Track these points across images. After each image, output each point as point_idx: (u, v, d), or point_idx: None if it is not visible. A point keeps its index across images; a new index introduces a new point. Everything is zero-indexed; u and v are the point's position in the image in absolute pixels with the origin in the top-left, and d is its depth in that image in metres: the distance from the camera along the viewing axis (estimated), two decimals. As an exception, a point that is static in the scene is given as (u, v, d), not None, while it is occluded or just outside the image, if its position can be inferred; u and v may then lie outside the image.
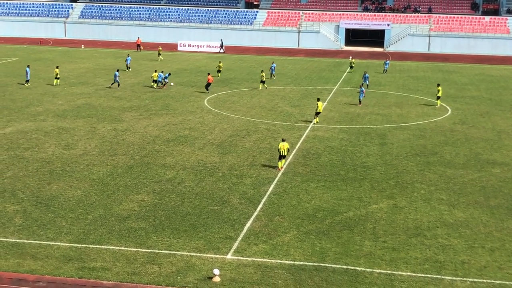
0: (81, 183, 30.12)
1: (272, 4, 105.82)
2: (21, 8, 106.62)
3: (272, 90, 57.44)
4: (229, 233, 24.66)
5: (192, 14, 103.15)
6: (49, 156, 34.36)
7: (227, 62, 78.25)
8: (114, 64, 72.51)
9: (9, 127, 40.65)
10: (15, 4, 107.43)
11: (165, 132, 40.44)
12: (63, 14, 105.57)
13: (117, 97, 52.16)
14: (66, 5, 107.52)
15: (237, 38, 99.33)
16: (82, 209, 26.70)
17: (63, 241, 23.46)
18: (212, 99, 52.32)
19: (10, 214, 25.98)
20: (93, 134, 39.44)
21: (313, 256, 22.80)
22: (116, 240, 23.63)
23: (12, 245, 22.97)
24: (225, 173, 32.30)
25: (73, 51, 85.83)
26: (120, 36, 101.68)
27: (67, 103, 48.94)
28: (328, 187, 30.53)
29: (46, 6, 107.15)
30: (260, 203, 28.07)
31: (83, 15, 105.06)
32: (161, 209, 27.03)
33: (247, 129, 41.86)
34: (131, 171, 32.22)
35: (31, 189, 29.07)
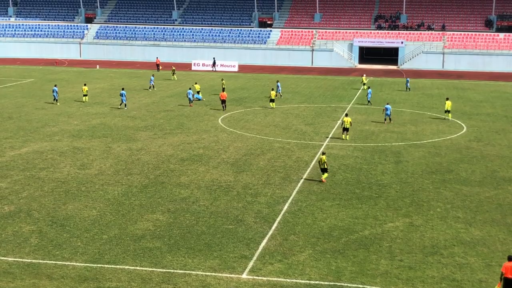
0: (96, 202, 30.20)
1: (286, 23, 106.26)
2: (37, 30, 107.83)
3: (286, 108, 57.48)
4: (244, 252, 24.58)
5: (206, 33, 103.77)
6: (64, 176, 34.52)
7: (241, 80, 78.53)
8: (129, 84, 72.99)
9: (25, 148, 40.93)
10: (31, 25, 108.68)
11: (179, 151, 40.53)
12: (78, 35, 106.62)
13: (131, 116, 52.45)
14: (81, 26, 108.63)
15: (251, 57, 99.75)
16: (98, 229, 26.75)
17: (78, 261, 23.49)
18: (226, 118, 52.44)
19: (26, 234, 26.07)
20: (108, 154, 39.60)
21: (328, 275, 22.65)
22: (131, 260, 23.62)
23: (28, 265, 23.03)
24: (239, 192, 32.27)
25: (88, 72, 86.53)
26: (135, 56, 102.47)
27: (82, 123, 49.26)
28: (343, 205, 30.39)
29: (62, 27, 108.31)
30: (275, 222, 27.98)
31: (98, 36, 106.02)
32: (176, 228, 27.01)
33: (261, 147, 41.86)
34: (146, 190, 32.28)
35: (46, 209, 29.19)
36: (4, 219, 27.68)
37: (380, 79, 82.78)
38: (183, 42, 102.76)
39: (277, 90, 64.75)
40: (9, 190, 31.81)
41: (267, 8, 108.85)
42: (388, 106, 51.12)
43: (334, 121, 51.62)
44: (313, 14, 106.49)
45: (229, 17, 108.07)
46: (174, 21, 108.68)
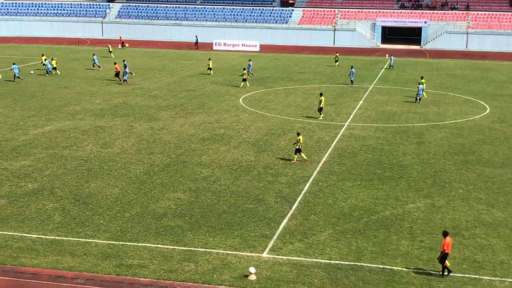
0: (119, 181, 30.45)
1: (308, 3, 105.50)
2: (60, 8, 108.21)
3: (307, 88, 57.28)
4: (265, 231, 24.68)
5: (228, 13, 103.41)
6: (87, 155, 34.82)
7: (262, 60, 78.32)
8: (151, 64, 73.17)
9: (48, 126, 41.30)
10: (53, 4, 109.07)
11: (200, 131, 40.65)
12: (100, 14, 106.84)
13: (153, 96, 52.62)
14: (104, 5, 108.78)
15: (272, 36, 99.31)
16: (120, 207, 27.00)
17: (101, 238, 23.76)
18: (247, 98, 52.41)
19: (49, 211, 26.40)
20: (130, 133, 39.83)
21: (349, 255, 22.69)
22: (153, 238, 23.84)
23: (51, 242, 23.34)
24: (260, 171, 32.33)
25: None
26: (156, 36, 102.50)
27: (104, 102, 49.53)
28: (364, 186, 30.33)
29: (84, 6, 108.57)
30: (296, 201, 28.03)
31: (120, 15, 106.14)
32: (197, 207, 27.18)
33: (282, 127, 41.82)
34: (168, 169, 32.47)
35: (69, 187, 29.50)
36: (28, 197, 28.05)
37: (403, 59, 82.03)
38: (205, 22, 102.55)
39: (248, 69, 64.33)
40: (33, 168, 32.18)
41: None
42: (421, 86, 51.00)
43: (356, 102, 51.36)
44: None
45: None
46: (195, 0, 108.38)
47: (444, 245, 21.03)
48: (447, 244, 21.01)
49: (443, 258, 21.11)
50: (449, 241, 21.10)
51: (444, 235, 21.30)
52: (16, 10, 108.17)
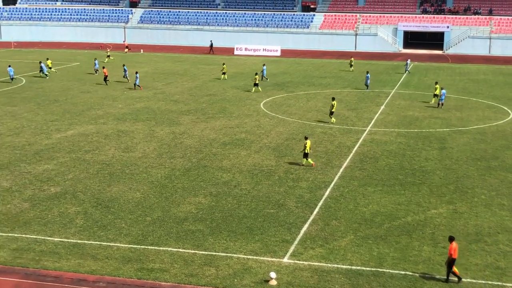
0: (140, 185, 30.61)
1: (329, 7, 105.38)
2: (83, 14, 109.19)
3: (329, 93, 57.13)
4: (286, 236, 24.64)
5: (249, 18, 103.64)
6: (109, 159, 35.05)
7: (283, 65, 78.33)
8: (172, 68, 73.53)
9: (71, 130, 41.65)
10: (76, 10, 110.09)
11: (221, 135, 40.73)
12: (123, 19, 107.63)
13: (175, 100, 52.85)
14: (126, 10, 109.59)
15: (294, 41, 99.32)
16: (141, 211, 27.13)
17: (122, 242, 23.88)
18: (268, 103, 52.44)
19: (71, 215, 26.60)
20: (152, 137, 40.03)
21: (370, 261, 22.57)
22: (174, 242, 23.91)
23: (73, 246, 23.51)
24: (281, 176, 32.30)
25: (132, 56, 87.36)
26: (178, 41, 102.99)
27: (126, 107, 49.85)
28: (386, 191, 30.17)
29: (107, 11, 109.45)
30: (317, 206, 27.95)
31: (142, 20, 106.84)
32: (218, 211, 27.22)
33: (303, 132, 41.75)
34: (189, 173, 32.57)
35: (91, 190, 29.71)
36: (51, 200, 28.29)
37: (425, 64, 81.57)
38: (226, 27, 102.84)
39: (263, 73, 64.62)
40: (56, 172, 32.46)
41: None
42: (443, 91, 50.76)
43: (378, 107, 51.15)
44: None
45: (272, 1, 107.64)
46: (217, 5, 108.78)
47: (451, 250, 20.88)
48: (454, 249, 20.85)
49: (450, 264, 20.94)
50: (455, 246, 20.95)
51: (450, 240, 21.16)
52: (40, 16, 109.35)
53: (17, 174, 32.08)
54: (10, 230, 24.89)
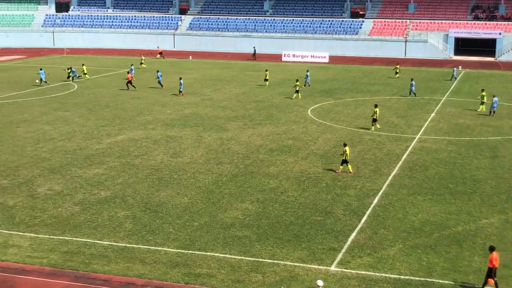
0: (188, 190, 30.82)
1: (378, 13, 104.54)
2: (133, 21, 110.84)
3: (377, 100, 56.59)
4: (333, 244, 24.46)
5: (297, 24, 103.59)
6: (157, 164, 35.42)
7: (331, 72, 77.99)
8: (220, 75, 73.97)
9: (120, 135, 42.26)
10: (127, 17, 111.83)
11: (268, 142, 40.74)
12: (172, 26, 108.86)
13: (222, 106, 53.13)
14: (176, 17, 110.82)
15: (342, 48, 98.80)
16: (189, 216, 27.31)
17: (170, 246, 24.06)
18: (315, 109, 52.25)
19: (120, 219, 26.94)
20: (200, 143, 40.30)
21: (419, 270, 22.20)
22: (220, 248, 23.98)
23: (122, 249, 23.80)
24: (328, 183, 32.10)
25: (182, 62, 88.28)
26: (226, 47, 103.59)
27: (175, 113, 50.33)
28: (436, 200, 29.67)
29: (157, 18, 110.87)
30: (365, 215, 27.67)
31: (191, 27, 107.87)
32: (264, 218, 27.19)
33: (351, 139, 41.45)
34: (236, 179, 32.65)
35: (140, 195, 30.05)
36: (101, 204, 28.72)
37: (477, 71, 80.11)
38: (274, 33, 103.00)
39: (306, 79, 64.43)
40: (106, 176, 32.96)
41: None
42: (496, 99, 49.82)
43: (428, 114, 50.43)
44: (407, 4, 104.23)
45: (321, 7, 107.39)
46: (265, 12, 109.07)
47: (492, 260, 20.35)
48: (495, 259, 20.37)
49: (489, 273, 20.45)
50: (496, 256, 20.49)
51: (490, 250, 20.65)
52: (91, 23, 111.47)
53: (68, 178, 32.69)
54: (61, 233, 25.35)
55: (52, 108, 51.75)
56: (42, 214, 27.39)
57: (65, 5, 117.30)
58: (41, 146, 39.13)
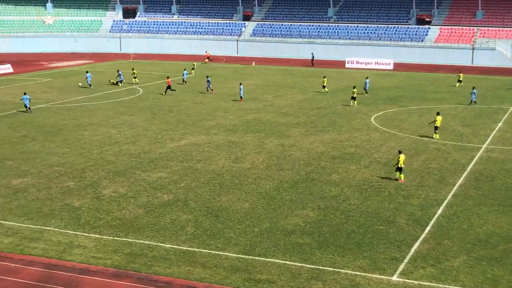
0: (249, 196, 30.92)
1: (445, 20, 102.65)
2: (198, 27, 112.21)
3: (443, 108, 55.56)
4: (395, 254, 24.09)
5: (361, 31, 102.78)
6: (219, 169, 35.68)
7: (396, 79, 77.01)
8: (283, 81, 74.04)
9: (183, 140, 42.78)
10: (192, 23, 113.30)
11: (331, 149, 40.49)
12: (236, 33, 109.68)
13: (284, 113, 53.14)
14: (240, 23, 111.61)
15: (407, 55, 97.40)
16: (250, 221, 27.38)
17: (231, 251, 24.18)
18: (379, 117, 51.67)
19: (182, 222, 27.25)
20: (261, 149, 40.40)
21: (484, 283, 21.62)
22: (281, 254, 23.94)
23: (184, 253, 24.05)
24: (391, 192, 31.66)
25: (244, 68, 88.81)
26: (289, 54, 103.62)
27: (237, 118, 50.64)
28: (502, 212, 28.86)
29: (221, 25, 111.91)
30: (428, 225, 27.16)
31: (255, 33, 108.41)
32: (325, 225, 27.02)
33: (415, 148, 40.79)
34: (297, 186, 32.57)
35: (202, 199, 30.32)
36: (163, 207, 29.12)
37: (547, 80, 77.64)
38: (338, 40, 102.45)
39: (365, 86, 64.01)
40: (168, 180, 33.41)
41: (426, 5, 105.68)
42: None
43: (495, 123, 49.18)
44: (474, 11, 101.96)
45: (386, 14, 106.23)
46: (329, 18, 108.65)
47: None
48: None
49: None
50: None
51: None
52: (157, 28, 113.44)
53: (132, 181, 33.29)
54: (124, 235, 25.82)
55: (118, 112, 52.86)
56: (107, 216, 27.97)
57: (132, 12, 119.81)
58: (107, 149, 40.01)
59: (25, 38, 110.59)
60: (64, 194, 30.93)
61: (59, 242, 24.96)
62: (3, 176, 33.92)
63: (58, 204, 29.44)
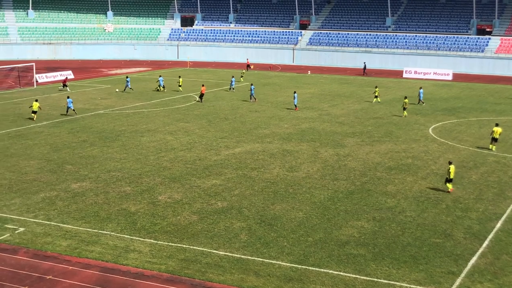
0: (303, 205, 30.79)
1: (506, 31, 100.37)
2: (254, 36, 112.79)
3: (504, 121, 54.27)
4: (452, 268, 23.58)
5: (420, 40, 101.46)
6: (273, 177, 35.66)
7: (455, 90, 75.66)
8: (339, 90, 73.64)
9: (238, 148, 42.95)
10: (249, 31, 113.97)
11: (387, 160, 40.00)
12: (292, 41, 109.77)
13: (340, 122, 52.80)
14: (296, 32, 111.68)
15: (467, 65, 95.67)
16: (303, 231, 27.25)
17: (284, 260, 24.09)
18: (437, 128, 50.80)
19: (236, 230, 27.31)
20: (316, 158, 40.21)
21: (545, 302, 20.97)
22: (335, 265, 23.73)
23: (237, 261, 24.08)
24: (449, 205, 31.05)
25: (300, 77, 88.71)
26: (346, 63, 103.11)
27: (292, 127, 50.56)
28: None
29: (277, 33, 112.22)
30: (486, 239, 26.51)
31: (311, 42, 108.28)
32: (380, 237, 26.67)
33: (474, 160, 39.93)
34: (352, 196, 32.27)
35: (256, 207, 30.34)
36: (217, 215, 29.26)
37: None
38: (395, 49, 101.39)
39: (420, 97, 63.22)
40: (223, 187, 33.57)
41: (486, 15, 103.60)
42: None
43: (557, 136, 47.73)
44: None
45: (445, 24, 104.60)
46: (387, 27, 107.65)
47: None
48: None
49: None
50: None
51: None
52: (214, 37, 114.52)
53: (187, 187, 33.59)
54: (179, 240, 26.04)
55: (174, 119, 53.49)
56: (162, 221, 28.28)
57: (190, 20, 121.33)
58: (163, 155, 40.50)
59: (86, 45, 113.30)
60: (121, 199, 31.44)
61: (115, 246, 25.35)
62: (62, 180, 34.71)
63: (115, 209, 29.94)
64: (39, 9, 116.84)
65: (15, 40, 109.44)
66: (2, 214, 28.89)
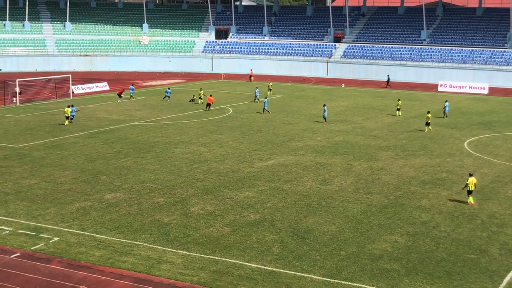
0: (336, 218, 30.63)
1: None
2: (288, 48, 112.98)
3: (541, 135, 53.39)
4: (487, 284, 23.20)
5: (455, 54, 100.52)
6: (306, 190, 35.56)
7: (491, 104, 74.71)
8: (373, 103, 73.26)
9: (271, 160, 42.95)
10: (282, 44, 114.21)
11: (421, 174, 39.61)
12: (326, 54, 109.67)
13: (374, 135, 52.49)
14: (330, 45, 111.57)
15: (503, 79, 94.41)
16: (336, 245, 27.09)
17: (316, 274, 23.97)
18: (472, 142, 50.17)
19: (268, 243, 27.27)
20: (349, 171, 40.00)
21: None
22: (368, 279, 23.53)
23: (269, 273, 24.03)
24: (484, 220, 30.59)
25: (334, 90, 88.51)
26: (380, 76, 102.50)
27: (325, 140, 50.42)
28: None
29: (311, 46, 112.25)
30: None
31: (345, 55, 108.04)
32: (414, 252, 26.38)
33: (510, 175, 39.29)
34: (385, 210, 32.01)
35: (288, 220, 30.27)
36: (250, 227, 29.26)
37: None
38: (430, 62, 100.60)
39: (445, 109, 62.48)
40: (255, 199, 33.59)
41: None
42: None
43: None
44: None
45: (481, 37, 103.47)
46: (422, 41, 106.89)
47: None
48: None
49: None
50: None
51: None
52: (248, 49, 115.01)
53: (220, 199, 33.68)
54: (211, 252, 26.09)
55: (208, 130, 53.77)
56: (195, 233, 28.37)
57: (224, 32, 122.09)
58: (196, 167, 40.70)
59: (121, 57, 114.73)
60: (154, 210, 31.65)
61: (148, 257, 25.50)
62: (96, 190, 35.10)
63: (148, 220, 30.14)
64: (76, 21, 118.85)
65: (52, 52, 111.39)
66: (37, 224, 29.32)
